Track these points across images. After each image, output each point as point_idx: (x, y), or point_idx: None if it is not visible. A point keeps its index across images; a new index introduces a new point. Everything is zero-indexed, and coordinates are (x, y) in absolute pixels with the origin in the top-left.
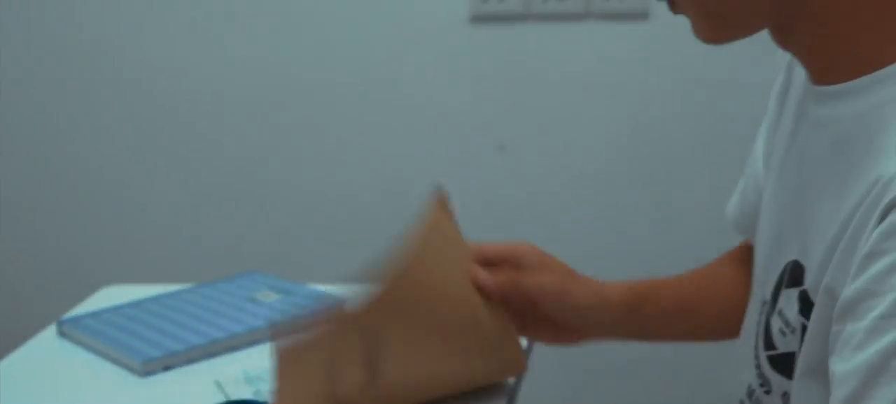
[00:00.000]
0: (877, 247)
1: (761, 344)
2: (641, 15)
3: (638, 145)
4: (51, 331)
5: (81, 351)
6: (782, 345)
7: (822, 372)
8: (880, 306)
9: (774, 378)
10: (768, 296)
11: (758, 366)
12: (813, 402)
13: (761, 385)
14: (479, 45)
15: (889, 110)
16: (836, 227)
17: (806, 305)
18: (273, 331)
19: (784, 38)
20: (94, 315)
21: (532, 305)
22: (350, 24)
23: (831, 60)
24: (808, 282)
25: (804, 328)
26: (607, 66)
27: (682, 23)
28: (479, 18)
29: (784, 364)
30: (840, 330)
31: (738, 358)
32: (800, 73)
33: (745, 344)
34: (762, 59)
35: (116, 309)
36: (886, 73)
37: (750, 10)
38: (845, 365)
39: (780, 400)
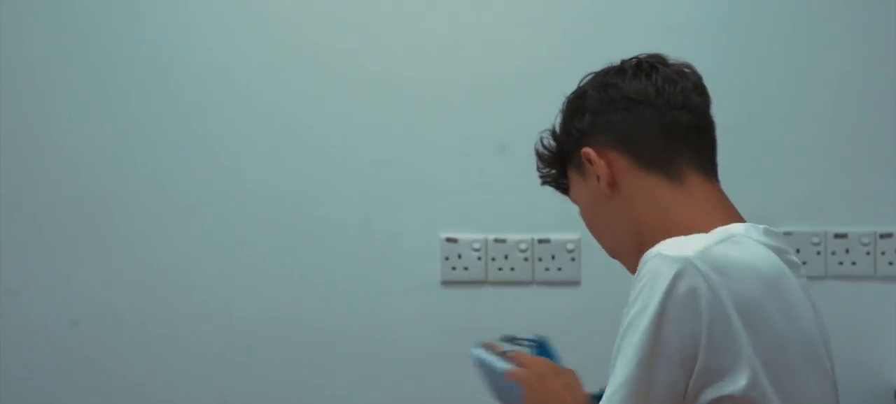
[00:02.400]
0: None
1: None
2: (574, 283)
3: None
4: None
5: None
6: None
7: None
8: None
9: None
10: None
11: None
12: None
13: None
14: (448, 303)
15: None
16: None
17: None
18: None
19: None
20: None
21: None
22: (347, 283)
23: None
24: None
25: None
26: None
27: (606, 289)
28: (448, 283)
29: None
30: None
31: None
32: None
33: None
34: None
35: None
36: None
37: (629, 253)
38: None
39: None
